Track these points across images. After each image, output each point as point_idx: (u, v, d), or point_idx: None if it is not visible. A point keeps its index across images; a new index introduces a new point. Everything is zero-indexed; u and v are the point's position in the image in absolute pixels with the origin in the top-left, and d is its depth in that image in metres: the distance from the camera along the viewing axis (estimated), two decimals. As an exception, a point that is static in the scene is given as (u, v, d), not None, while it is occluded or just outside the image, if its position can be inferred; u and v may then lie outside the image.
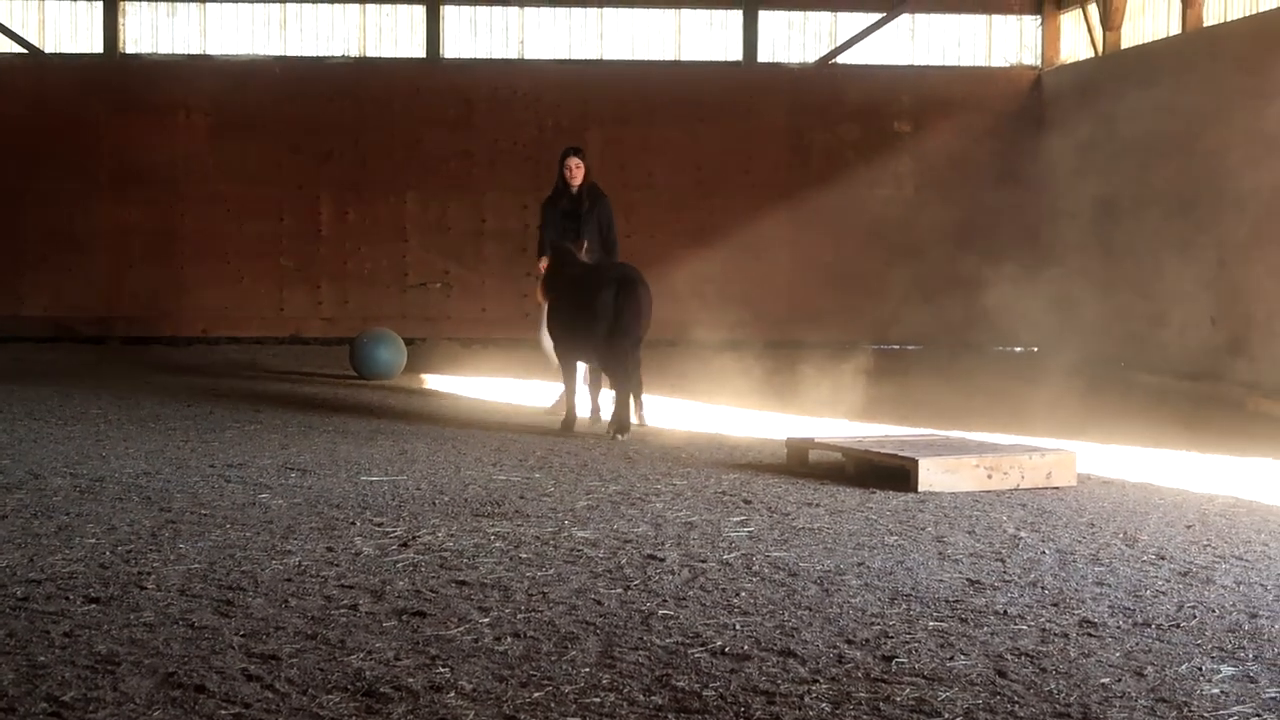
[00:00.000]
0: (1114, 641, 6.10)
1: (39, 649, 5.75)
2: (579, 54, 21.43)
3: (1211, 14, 17.66)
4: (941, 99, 21.20)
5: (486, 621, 6.25)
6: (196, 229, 20.93)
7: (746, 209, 20.94)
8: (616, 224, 13.96)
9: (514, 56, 21.47)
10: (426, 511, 8.76)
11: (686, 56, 21.54)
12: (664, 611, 6.47)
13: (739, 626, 6.23)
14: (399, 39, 21.46)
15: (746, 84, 21.29)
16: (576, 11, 21.39)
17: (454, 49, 21.42)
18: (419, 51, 21.38)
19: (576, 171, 13.59)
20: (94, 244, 20.87)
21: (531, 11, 21.40)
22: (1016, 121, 21.16)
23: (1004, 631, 6.23)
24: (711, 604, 6.62)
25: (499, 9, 21.38)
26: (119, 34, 21.18)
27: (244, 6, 21.28)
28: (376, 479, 9.99)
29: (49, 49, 21.23)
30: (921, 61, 21.58)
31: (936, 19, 21.57)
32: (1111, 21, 19.61)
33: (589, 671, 5.57)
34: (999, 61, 21.62)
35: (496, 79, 21.16)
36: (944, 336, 20.74)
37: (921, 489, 9.65)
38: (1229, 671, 5.71)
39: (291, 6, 21.32)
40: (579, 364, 13.31)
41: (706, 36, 21.55)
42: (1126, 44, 19.54)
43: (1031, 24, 21.60)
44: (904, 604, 6.66)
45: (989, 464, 9.90)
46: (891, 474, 9.96)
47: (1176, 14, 18.24)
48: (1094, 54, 20.18)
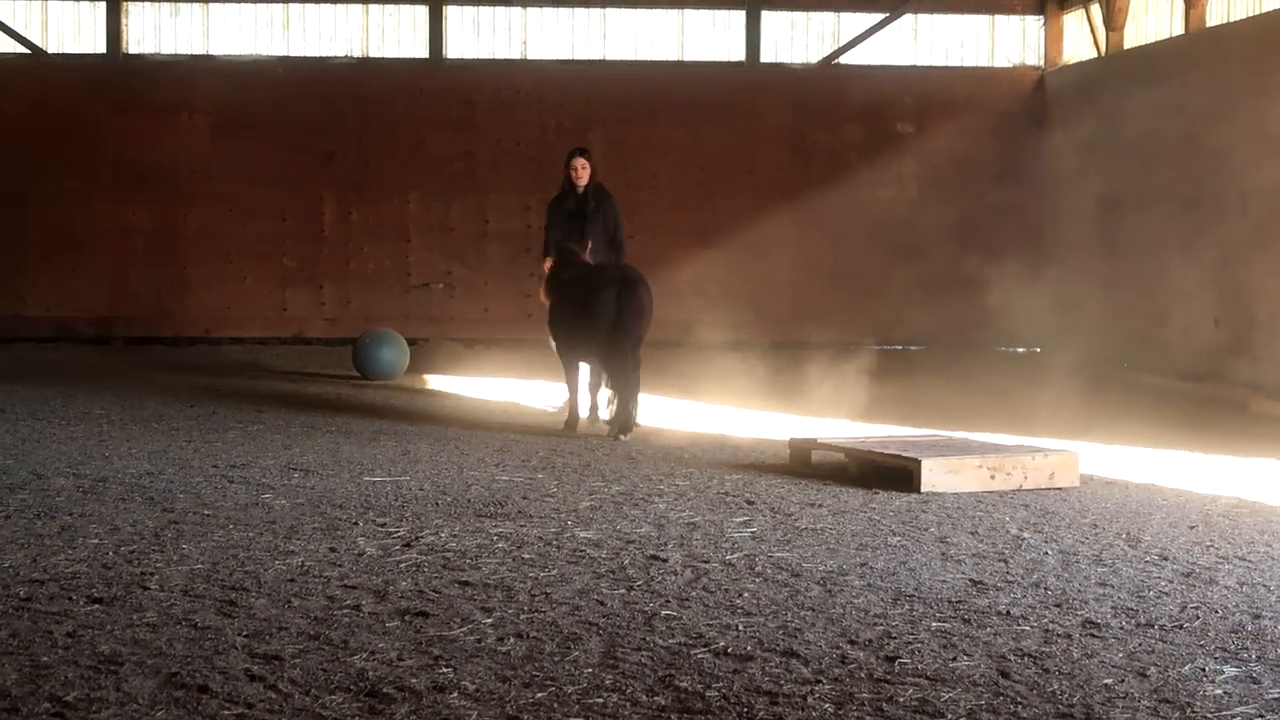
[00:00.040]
0: (1117, 642, 6.10)
1: (42, 649, 5.76)
2: (582, 54, 21.43)
3: (1214, 14, 17.65)
4: (944, 99, 21.20)
5: (489, 622, 6.25)
6: (199, 229, 20.93)
7: (749, 209, 20.93)
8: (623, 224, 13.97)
9: (517, 57, 21.47)
10: (429, 512, 8.76)
11: (689, 57, 21.53)
12: (667, 612, 6.47)
13: (742, 627, 6.23)
14: (402, 39, 21.46)
15: (749, 84, 21.28)
16: (579, 12, 21.39)
17: (457, 49, 21.43)
18: (422, 52, 21.38)
19: (582, 172, 13.58)
20: (96, 244, 20.87)
21: (534, 12, 21.39)
22: (1019, 122, 21.15)
23: (1007, 632, 6.23)
24: (714, 604, 6.62)
25: (502, 9, 21.38)
26: (122, 34, 21.19)
27: (246, 7, 21.28)
28: (379, 479, 9.99)
29: (52, 49, 21.23)
30: (924, 62, 21.57)
31: (939, 19, 21.57)
32: (1114, 22, 19.61)
33: (592, 672, 5.57)
34: (1002, 62, 21.61)
35: (499, 79, 21.16)
36: (946, 337, 20.73)
37: (924, 490, 9.65)
38: (1232, 672, 5.71)
39: (294, 7, 21.33)
40: (581, 364, 13.34)
41: (709, 37, 21.55)
42: (1129, 44, 19.54)
43: (1034, 24, 21.59)
44: (907, 604, 6.66)
45: (992, 465, 9.90)
46: (894, 474, 9.96)
47: (1179, 14, 18.24)
48: (1097, 54, 20.18)
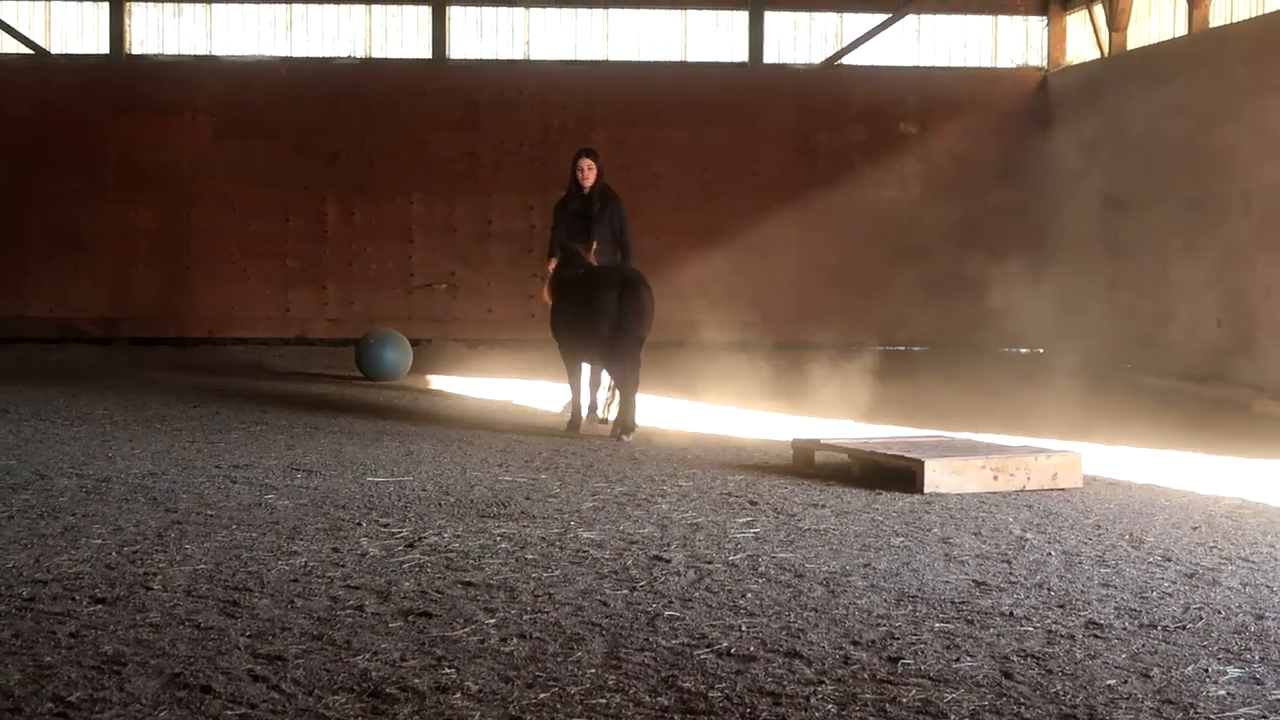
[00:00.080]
0: (1120, 643, 6.09)
1: (45, 649, 5.76)
2: (585, 55, 21.44)
3: (1218, 15, 17.65)
4: (947, 100, 21.20)
5: (492, 622, 6.24)
6: (202, 230, 20.95)
7: (752, 210, 20.94)
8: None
9: (520, 57, 21.48)
10: (432, 512, 8.76)
11: (692, 57, 21.54)
12: (670, 613, 6.47)
13: (745, 628, 6.23)
14: (404, 40, 21.47)
15: (752, 85, 21.29)
16: (582, 12, 21.40)
17: (460, 50, 21.44)
18: (425, 52, 21.39)
19: (589, 173, 13.58)
20: (100, 245, 20.89)
21: (537, 12, 21.40)
22: (1022, 122, 21.16)
23: (1010, 633, 6.23)
24: (717, 605, 6.61)
25: (504, 10, 21.39)
26: (125, 35, 21.20)
27: (249, 7, 21.29)
28: (382, 480, 9.99)
29: (55, 50, 21.25)
30: (927, 62, 21.58)
31: (942, 20, 21.57)
32: (1117, 22, 19.60)
33: (595, 672, 5.57)
34: (1005, 62, 21.61)
35: (502, 80, 21.17)
36: (949, 337, 20.74)
37: (927, 490, 9.65)
38: (1235, 673, 5.70)
39: (297, 7, 21.34)
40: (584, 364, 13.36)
41: (712, 37, 21.55)
42: (1132, 45, 19.54)
43: (1037, 25, 21.59)
44: (910, 605, 6.66)
45: (995, 465, 9.89)
46: (897, 475, 9.96)
47: (1183, 15, 18.23)
48: (1100, 55, 20.18)
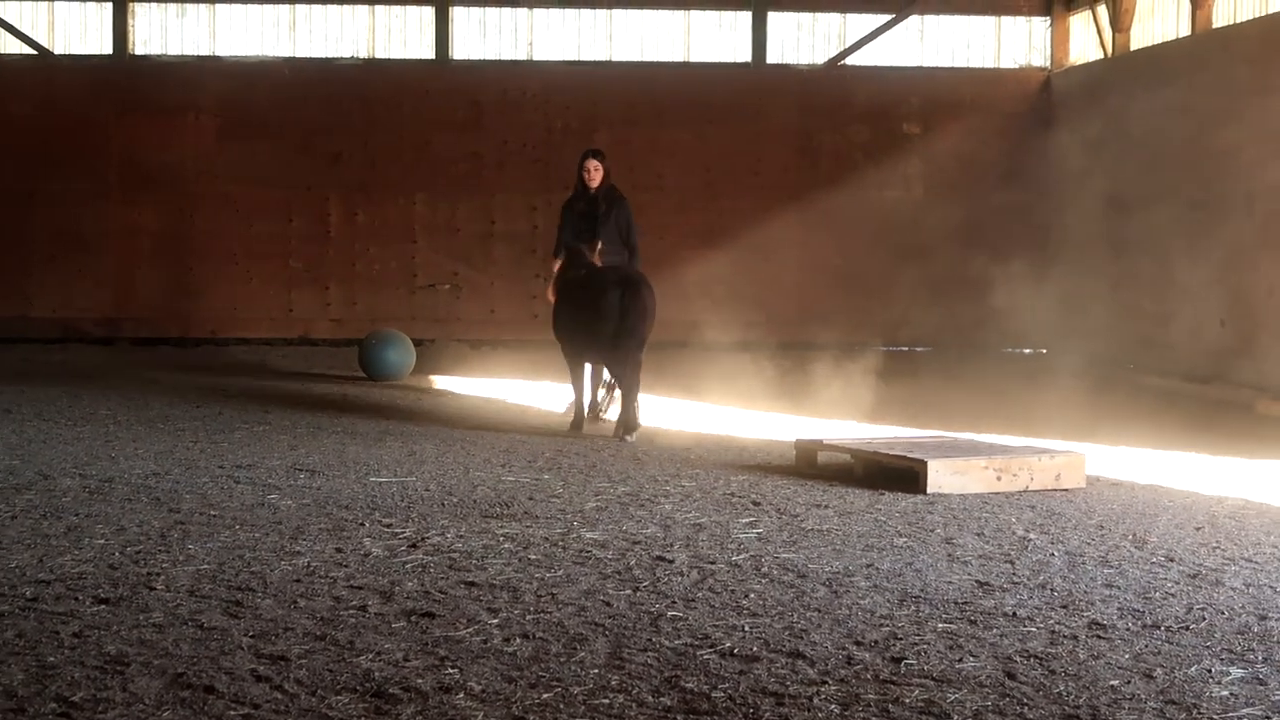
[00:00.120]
0: (1123, 644, 6.09)
1: (48, 649, 5.76)
2: (588, 55, 21.44)
3: (1221, 15, 17.64)
4: (950, 100, 21.20)
5: (495, 623, 6.24)
6: (205, 230, 20.96)
7: (755, 210, 20.94)
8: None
9: (523, 58, 21.48)
10: (435, 513, 8.76)
11: (695, 58, 21.54)
12: (673, 613, 6.47)
13: (748, 628, 6.23)
14: (408, 40, 21.48)
15: (755, 85, 21.29)
16: (585, 13, 21.40)
17: (463, 50, 21.44)
18: (428, 53, 21.40)
19: (595, 174, 13.59)
20: (103, 245, 20.90)
21: (540, 13, 21.41)
22: (1025, 123, 21.16)
23: (1013, 633, 6.22)
24: (720, 605, 6.61)
25: (508, 10, 21.40)
26: (128, 35, 21.21)
27: (253, 8, 21.30)
28: (385, 480, 9.99)
29: (58, 50, 21.27)
30: (930, 63, 21.57)
31: (945, 20, 21.57)
32: (1121, 23, 19.60)
33: (598, 673, 5.57)
34: (1008, 63, 21.61)
35: (505, 80, 21.17)
36: (952, 338, 20.73)
37: (930, 491, 9.64)
38: (1238, 674, 5.70)
39: (300, 8, 21.34)
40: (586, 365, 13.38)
41: (715, 38, 21.55)
42: (1136, 45, 19.53)
43: (1041, 25, 21.58)
44: (913, 606, 6.66)
45: (998, 466, 9.89)
46: (900, 475, 9.96)
47: (1186, 15, 18.23)
48: (1103, 55, 20.17)
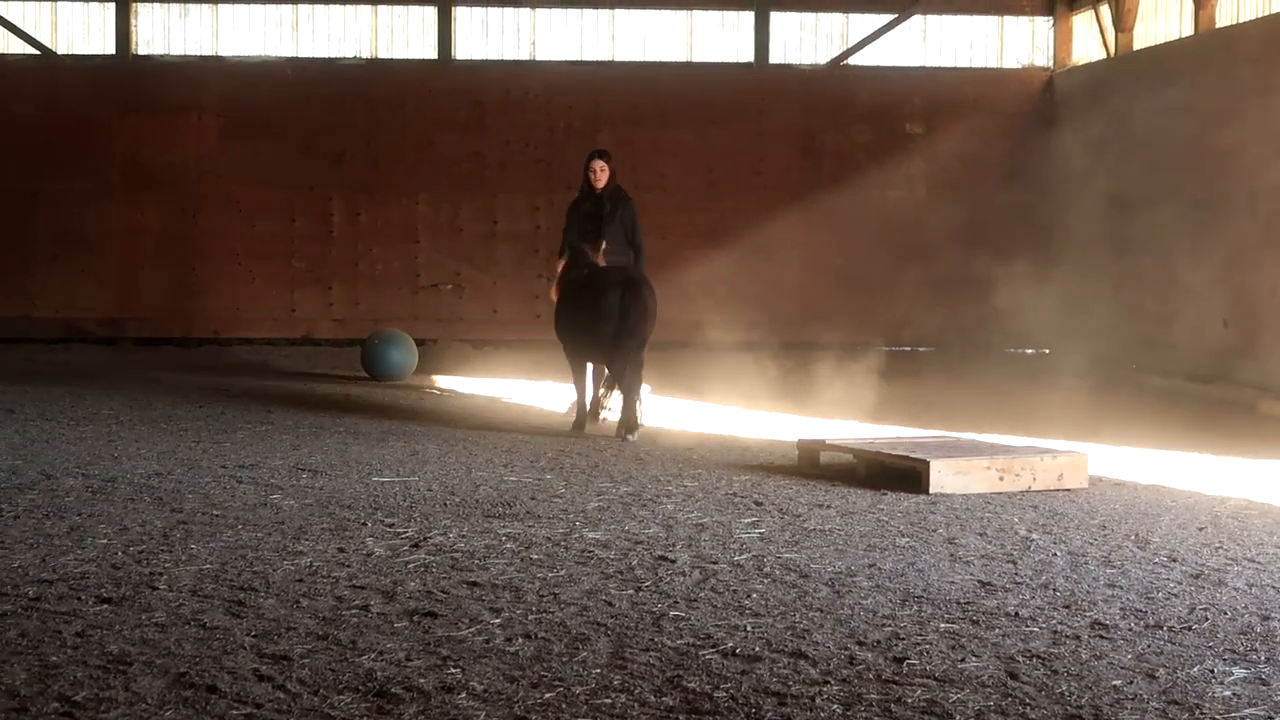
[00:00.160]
0: (1126, 644, 6.09)
1: (51, 649, 5.76)
2: (590, 55, 21.44)
3: (1224, 15, 17.64)
4: (953, 100, 21.19)
5: (498, 622, 6.25)
6: (208, 230, 20.97)
7: (758, 210, 20.94)
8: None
9: (525, 58, 21.48)
10: (438, 512, 8.76)
11: (698, 58, 21.54)
12: (675, 613, 6.47)
13: (750, 628, 6.23)
14: (410, 40, 21.48)
15: (758, 85, 21.28)
16: (588, 13, 21.40)
17: (465, 50, 21.45)
18: (430, 53, 21.40)
19: (601, 174, 13.61)
20: (105, 245, 20.91)
21: (543, 13, 21.41)
22: (1028, 123, 21.15)
23: (1015, 633, 6.22)
24: (723, 605, 6.61)
25: (510, 10, 21.40)
26: (131, 35, 21.22)
27: (255, 8, 21.31)
28: (388, 480, 9.99)
29: (61, 50, 21.27)
30: (933, 63, 21.57)
31: (948, 20, 21.56)
32: (1124, 23, 19.59)
33: (600, 672, 5.57)
34: (1011, 63, 21.60)
35: (508, 80, 21.17)
36: (955, 338, 20.73)
37: (933, 491, 9.64)
38: (1241, 674, 5.70)
39: (303, 8, 21.35)
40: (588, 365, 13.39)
41: (718, 38, 21.55)
42: (1139, 45, 19.53)
43: (1043, 25, 21.58)
44: (915, 606, 6.65)
45: (1000, 466, 9.89)
46: (903, 476, 9.95)
47: (1189, 15, 18.22)
48: (1106, 55, 20.16)
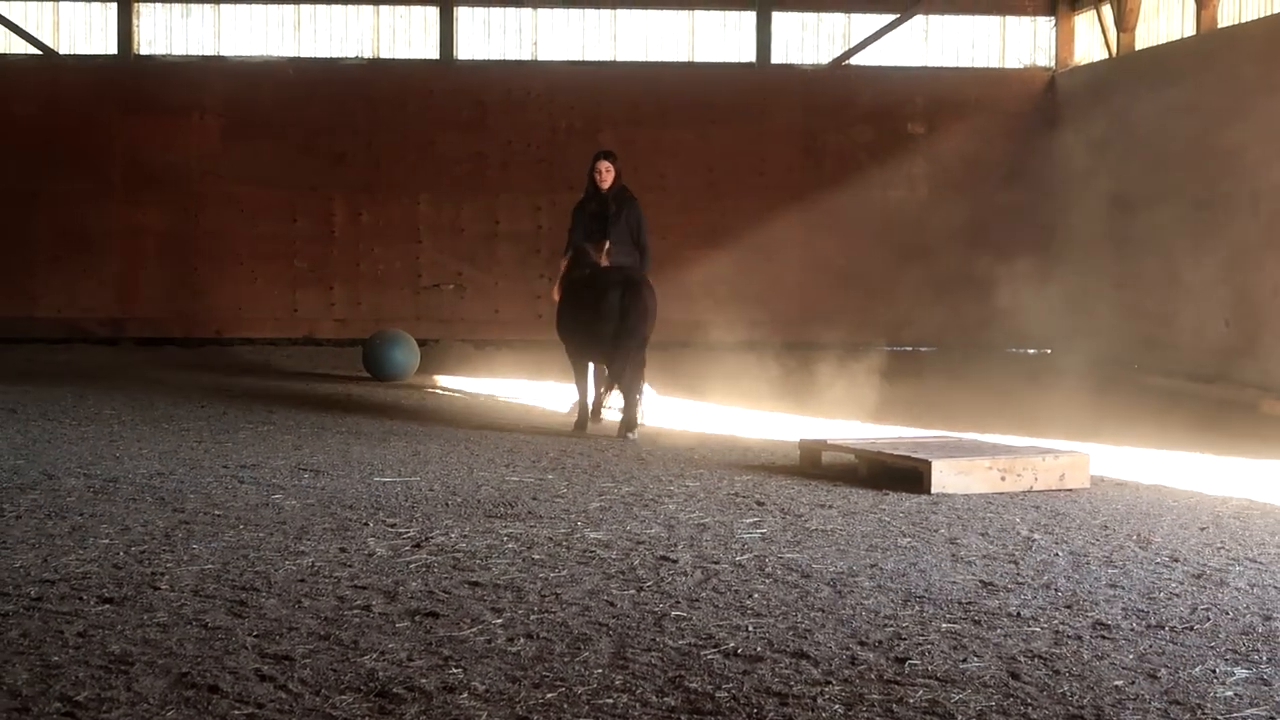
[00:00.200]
0: (1127, 644, 6.09)
1: (53, 649, 5.76)
2: (592, 55, 21.44)
3: (1226, 15, 17.63)
4: (955, 100, 21.19)
5: (499, 622, 6.25)
6: (210, 230, 20.97)
7: (759, 210, 20.93)
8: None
9: (527, 58, 21.48)
10: (439, 512, 8.76)
11: (700, 58, 21.54)
12: (677, 613, 6.47)
13: (752, 628, 6.23)
14: (412, 40, 21.48)
15: (759, 85, 21.28)
16: (590, 13, 21.40)
17: (467, 50, 21.44)
18: (432, 53, 21.40)
19: (606, 175, 13.63)
20: (107, 245, 20.91)
21: (545, 13, 21.41)
22: (1030, 123, 21.14)
23: (1017, 633, 6.22)
24: (724, 605, 6.61)
25: (512, 10, 21.40)
26: (133, 35, 21.22)
27: (257, 8, 21.31)
28: (390, 480, 10.00)
29: (63, 50, 21.28)
30: (935, 63, 21.56)
31: (950, 20, 21.56)
32: (1126, 23, 19.58)
33: (602, 673, 5.57)
34: (1013, 63, 21.60)
35: (510, 80, 21.17)
36: (956, 338, 20.72)
37: (934, 491, 9.64)
38: (1242, 674, 5.70)
39: (305, 8, 21.35)
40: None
41: (720, 38, 21.55)
42: (1140, 45, 19.52)
43: (1045, 25, 21.57)
44: (917, 606, 6.65)
45: (1002, 466, 9.89)
46: (904, 476, 9.95)
47: (1191, 15, 18.21)
48: (1108, 55, 20.15)
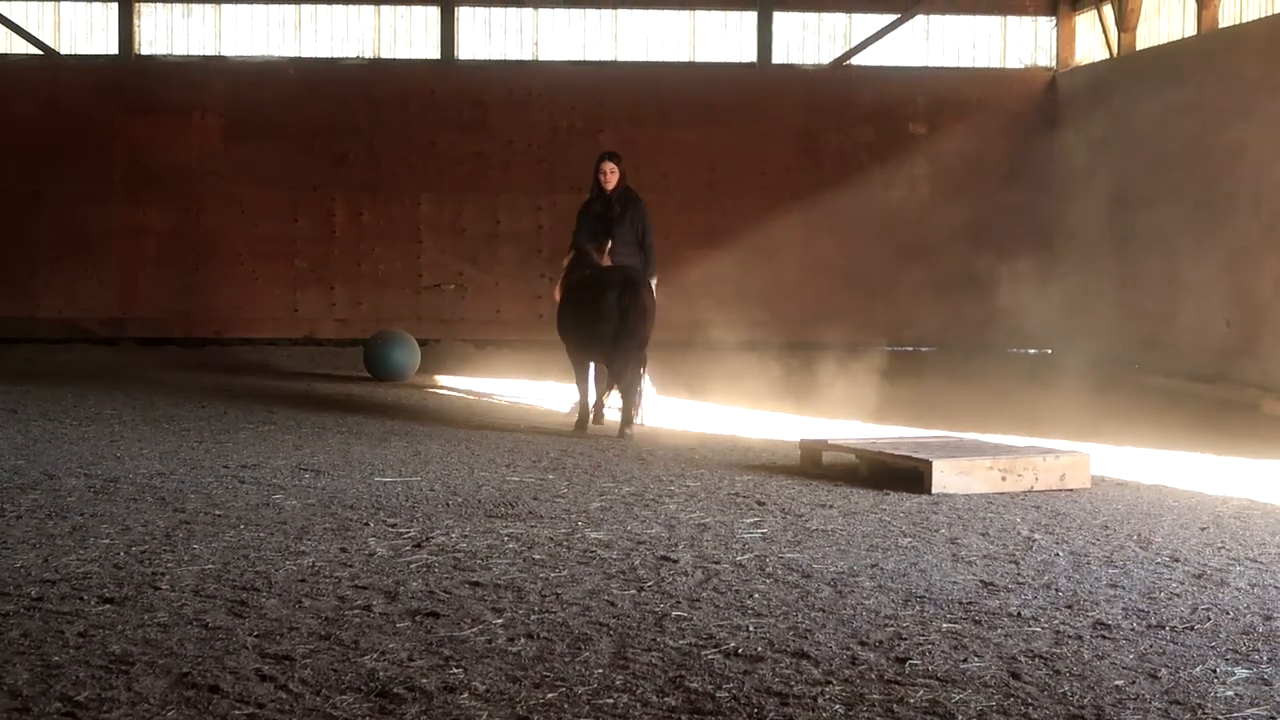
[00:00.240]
0: (1128, 644, 6.09)
1: (53, 649, 5.76)
2: (593, 55, 21.43)
3: (1227, 15, 17.62)
4: (956, 100, 21.18)
5: (500, 622, 6.25)
6: (211, 230, 20.96)
7: (760, 210, 20.92)
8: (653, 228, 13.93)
9: (528, 58, 21.47)
10: (440, 512, 8.77)
11: (701, 58, 21.53)
12: (677, 613, 6.47)
13: (752, 628, 6.23)
14: (413, 40, 21.47)
15: (760, 85, 21.27)
16: (591, 13, 21.39)
17: (468, 50, 21.44)
18: (433, 53, 21.39)
19: (611, 176, 13.64)
20: (108, 245, 20.90)
21: (546, 13, 21.40)
22: (1031, 123, 21.12)
23: (1017, 633, 6.22)
24: (725, 605, 6.61)
25: (513, 10, 21.39)
26: (134, 35, 21.21)
27: (259, 8, 21.31)
28: (390, 480, 10.00)
29: (64, 50, 21.27)
30: (936, 63, 21.55)
31: (951, 20, 21.55)
32: (1126, 23, 19.58)
33: (602, 673, 5.57)
34: (1014, 63, 21.58)
35: (511, 80, 21.16)
36: (957, 338, 20.71)
37: (935, 491, 9.64)
38: (1243, 674, 5.69)
39: (306, 8, 21.35)
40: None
41: (721, 38, 21.54)
42: (1141, 45, 19.51)
43: (1046, 25, 21.56)
44: (917, 606, 6.65)
45: (1003, 466, 9.89)
46: (905, 476, 9.96)
47: (1192, 15, 18.20)
48: (1109, 55, 20.15)
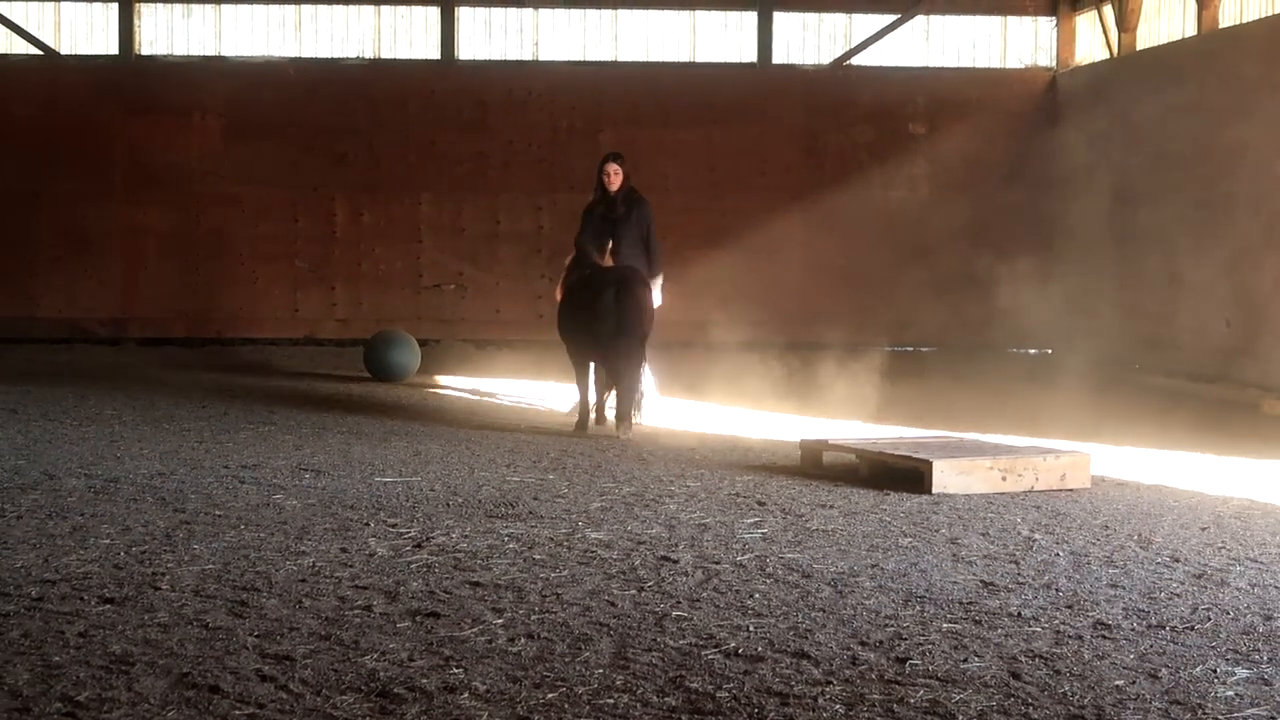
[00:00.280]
0: (1128, 644, 6.09)
1: (54, 649, 5.76)
2: (593, 56, 21.43)
3: (1227, 15, 17.62)
4: (956, 100, 21.17)
5: (500, 622, 6.25)
6: (211, 230, 20.96)
7: (760, 210, 20.91)
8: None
9: (528, 58, 21.48)
10: (440, 513, 8.77)
11: (701, 58, 21.53)
12: (678, 613, 6.47)
13: (753, 628, 6.23)
14: (414, 40, 21.48)
15: (761, 86, 21.27)
16: (591, 13, 21.39)
17: (469, 50, 21.44)
18: (434, 53, 21.39)
19: (615, 177, 13.64)
20: (108, 245, 20.90)
21: (546, 13, 21.40)
22: (1031, 123, 21.12)
23: (1018, 633, 6.22)
24: (725, 605, 6.61)
25: (514, 10, 21.39)
26: (134, 35, 21.21)
27: (259, 8, 21.31)
28: (390, 480, 10.00)
29: (64, 50, 21.27)
30: (936, 63, 21.55)
31: (951, 20, 21.55)
32: (1127, 23, 19.58)
33: (602, 673, 5.57)
34: (1014, 63, 21.58)
35: (511, 80, 21.17)
36: (958, 338, 20.71)
37: (935, 491, 9.64)
38: (1243, 674, 5.69)
39: (306, 8, 21.35)
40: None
41: (721, 38, 21.54)
42: (1142, 45, 19.51)
43: (1047, 25, 21.56)
44: (918, 606, 6.65)
45: (1003, 466, 9.89)
46: (905, 476, 9.96)
47: (1192, 15, 18.20)
48: (1109, 55, 20.15)
